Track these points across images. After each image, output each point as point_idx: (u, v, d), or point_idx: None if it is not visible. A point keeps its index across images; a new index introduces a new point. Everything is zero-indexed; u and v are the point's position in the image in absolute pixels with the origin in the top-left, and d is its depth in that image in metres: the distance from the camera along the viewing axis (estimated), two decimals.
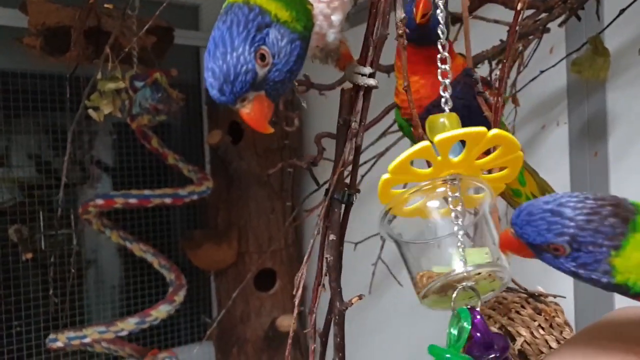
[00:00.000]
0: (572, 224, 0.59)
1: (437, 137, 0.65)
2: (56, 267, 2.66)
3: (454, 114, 0.73)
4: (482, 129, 0.65)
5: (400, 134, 1.65)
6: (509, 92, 1.53)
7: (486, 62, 1.42)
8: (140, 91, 2.19)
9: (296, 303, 0.88)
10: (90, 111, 2.16)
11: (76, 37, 2.12)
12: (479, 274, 0.68)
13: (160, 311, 2.35)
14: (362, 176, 1.83)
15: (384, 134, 1.61)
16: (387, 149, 1.68)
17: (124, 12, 1.96)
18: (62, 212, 2.74)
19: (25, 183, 2.74)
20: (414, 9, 0.87)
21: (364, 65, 0.81)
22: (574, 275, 0.63)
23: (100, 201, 2.32)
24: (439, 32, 0.75)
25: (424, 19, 0.87)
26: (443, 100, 0.74)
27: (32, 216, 2.65)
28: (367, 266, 2.11)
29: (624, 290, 0.61)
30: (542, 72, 1.58)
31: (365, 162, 1.79)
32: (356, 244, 1.97)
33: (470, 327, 0.72)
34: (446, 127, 0.71)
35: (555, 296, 1.08)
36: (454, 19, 1.29)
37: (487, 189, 0.71)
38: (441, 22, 0.76)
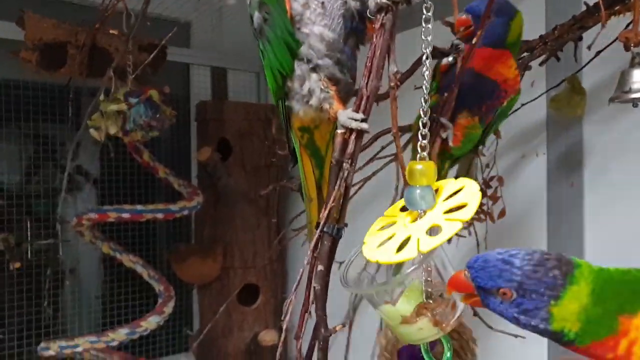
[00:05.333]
0: (519, 272, 0.66)
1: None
2: (42, 277, 2.63)
3: (431, 163, 0.80)
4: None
5: (385, 160, 1.68)
6: None
7: None
8: (135, 108, 2.17)
9: (284, 328, 0.92)
10: (92, 131, 2.16)
11: (81, 58, 2.12)
12: None
13: (150, 322, 2.34)
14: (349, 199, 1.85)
15: (371, 160, 1.63)
16: (373, 174, 1.70)
17: (128, 37, 1.96)
18: (49, 221, 2.71)
19: (13, 192, 2.69)
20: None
21: (357, 111, 0.86)
22: (515, 321, 0.68)
23: (94, 215, 2.32)
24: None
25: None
26: (420, 145, 0.81)
27: (18, 225, 2.61)
28: None
29: (559, 337, 0.66)
30: (523, 105, 1.62)
31: (352, 185, 1.81)
32: (340, 263, 1.97)
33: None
34: (425, 174, 0.79)
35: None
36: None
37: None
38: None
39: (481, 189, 1.66)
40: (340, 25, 0.93)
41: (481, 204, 1.58)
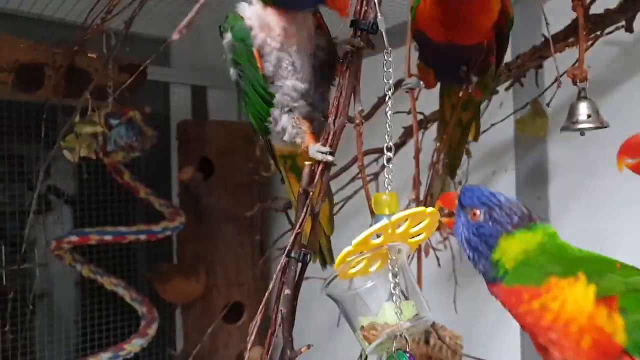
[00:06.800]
0: (497, 201, 0.86)
1: (393, 218, 0.88)
2: (16, 303, 2.68)
3: (394, 194, 0.95)
4: (422, 209, 0.90)
5: (367, 179, 1.86)
6: None
7: None
8: (116, 129, 2.29)
9: (248, 348, 1.02)
10: (65, 152, 2.25)
11: (58, 79, 2.23)
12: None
13: (134, 345, 2.43)
14: (332, 215, 2.03)
15: (352, 180, 1.81)
16: (355, 192, 1.88)
17: (108, 59, 2.08)
18: (22, 245, 2.78)
19: None
20: None
21: (324, 145, 1.01)
22: (467, 241, 0.87)
23: (74, 238, 2.41)
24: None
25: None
26: (386, 180, 0.95)
27: None
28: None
29: (491, 270, 0.83)
30: (492, 125, 1.83)
31: (335, 204, 1.99)
32: (324, 282, 2.14)
33: None
34: (387, 205, 0.93)
35: None
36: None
37: (407, 249, 0.94)
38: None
39: None
40: (311, 75, 1.08)
41: None
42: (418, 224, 0.93)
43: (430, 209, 0.91)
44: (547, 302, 0.77)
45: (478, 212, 0.86)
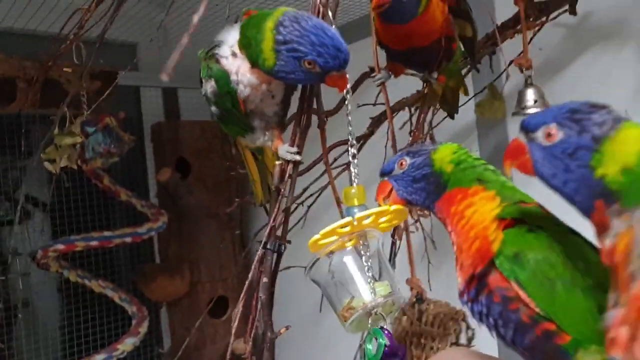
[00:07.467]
0: (408, 149, 0.98)
1: (356, 215, 0.99)
2: (1, 313, 2.71)
3: (361, 187, 1.06)
4: (386, 208, 0.99)
5: (339, 170, 1.97)
6: (427, 129, 1.88)
7: (406, 108, 1.76)
8: (93, 136, 2.34)
9: (232, 332, 1.16)
10: (47, 163, 2.31)
11: (34, 92, 2.27)
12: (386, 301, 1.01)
13: (127, 344, 2.49)
14: (309, 207, 2.14)
15: (325, 172, 1.91)
16: (328, 183, 1.98)
17: (83, 71, 2.13)
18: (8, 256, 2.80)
19: None
20: None
21: (292, 146, 1.13)
22: (414, 180, 0.93)
23: (61, 246, 2.46)
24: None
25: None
26: (353, 175, 1.06)
27: None
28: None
29: (439, 180, 0.91)
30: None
31: (311, 195, 2.10)
32: (306, 267, 2.25)
33: (385, 342, 1.03)
34: (356, 197, 1.04)
35: None
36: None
37: (379, 235, 1.05)
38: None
39: None
40: (282, 95, 1.20)
41: None
42: (385, 217, 1.03)
43: (394, 207, 1.00)
44: (466, 208, 0.86)
45: (403, 160, 0.95)
